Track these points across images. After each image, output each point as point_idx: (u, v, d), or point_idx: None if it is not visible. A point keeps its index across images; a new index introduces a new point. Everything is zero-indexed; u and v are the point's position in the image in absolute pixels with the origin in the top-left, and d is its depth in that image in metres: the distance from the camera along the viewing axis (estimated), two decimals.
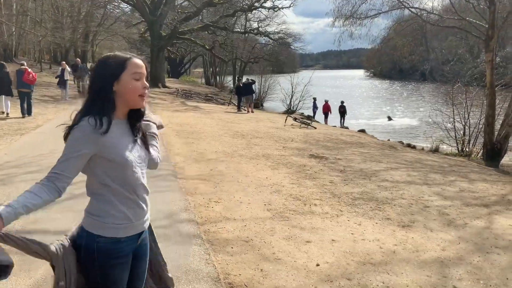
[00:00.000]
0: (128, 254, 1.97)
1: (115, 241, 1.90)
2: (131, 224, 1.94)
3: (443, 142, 15.65)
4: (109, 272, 1.91)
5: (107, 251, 1.88)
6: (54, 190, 1.84)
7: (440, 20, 16.91)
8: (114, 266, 1.92)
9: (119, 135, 1.90)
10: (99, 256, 1.88)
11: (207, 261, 3.83)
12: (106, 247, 1.88)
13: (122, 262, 1.94)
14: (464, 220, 5.46)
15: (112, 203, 1.89)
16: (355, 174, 7.95)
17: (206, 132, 12.35)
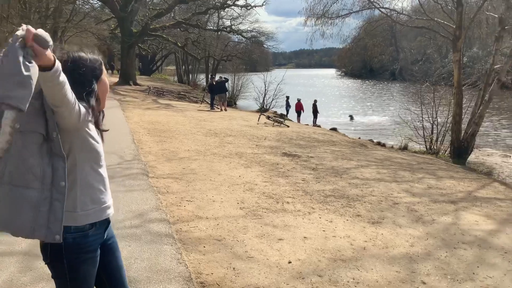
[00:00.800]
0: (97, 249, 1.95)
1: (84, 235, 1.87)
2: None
3: (412, 140, 15.99)
4: (79, 268, 1.87)
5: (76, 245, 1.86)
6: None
7: (409, 21, 17.27)
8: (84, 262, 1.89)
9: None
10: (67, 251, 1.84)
11: (178, 260, 3.80)
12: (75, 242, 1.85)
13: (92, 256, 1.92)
14: (432, 216, 5.60)
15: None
16: (326, 172, 8.04)
17: (179, 131, 12.25)
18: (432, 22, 16.04)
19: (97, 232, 1.92)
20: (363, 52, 28.34)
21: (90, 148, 1.85)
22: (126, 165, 7.49)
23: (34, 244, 3.99)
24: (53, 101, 1.61)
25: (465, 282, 3.76)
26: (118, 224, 4.51)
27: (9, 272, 3.45)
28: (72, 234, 1.83)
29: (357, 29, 22.35)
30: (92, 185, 1.88)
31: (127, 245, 4.03)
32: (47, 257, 1.87)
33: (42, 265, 3.55)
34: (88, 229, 1.87)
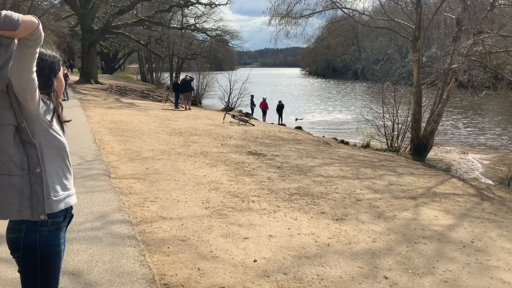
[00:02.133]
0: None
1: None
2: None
3: (374, 138, 16.35)
4: (50, 261, 1.94)
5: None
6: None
7: (371, 21, 17.63)
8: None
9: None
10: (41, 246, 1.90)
11: (142, 262, 3.73)
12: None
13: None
14: (393, 212, 5.73)
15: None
16: (291, 170, 8.10)
17: (142, 130, 12.05)
18: (392, 23, 16.46)
19: (65, 225, 2.02)
20: (326, 51, 28.69)
21: (53, 137, 1.93)
22: (87, 165, 7.30)
23: None
24: (21, 81, 1.73)
25: (426, 276, 3.87)
26: (79, 226, 4.39)
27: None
28: (48, 227, 1.90)
29: (320, 29, 22.60)
30: (59, 173, 1.96)
31: (88, 248, 3.92)
32: (19, 250, 1.88)
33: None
34: (61, 222, 1.96)
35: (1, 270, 3.45)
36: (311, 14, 17.32)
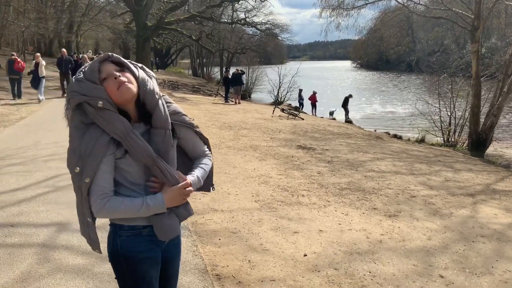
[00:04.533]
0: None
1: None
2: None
3: (429, 132, 15.80)
4: (136, 268, 1.83)
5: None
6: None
7: (426, 11, 17.02)
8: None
9: None
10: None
11: (194, 252, 3.81)
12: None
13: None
14: (450, 209, 5.52)
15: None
16: (342, 164, 7.98)
17: None
18: (450, 12, 15.79)
19: (148, 233, 1.83)
20: (379, 43, 27.96)
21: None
22: None
23: (51, 236, 4.05)
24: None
25: (484, 276, 3.70)
26: None
27: (27, 264, 3.50)
28: (126, 232, 1.81)
29: (373, 20, 22.07)
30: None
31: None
32: (108, 254, 1.86)
33: (60, 256, 3.60)
34: (141, 228, 1.82)
35: (62, 257, 3.64)
36: (364, 5, 16.97)
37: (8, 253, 3.68)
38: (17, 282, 3.22)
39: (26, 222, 4.38)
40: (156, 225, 1.78)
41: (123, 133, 1.70)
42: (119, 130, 1.69)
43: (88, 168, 1.67)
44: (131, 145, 1.71)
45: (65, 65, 17.83)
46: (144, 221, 1.80)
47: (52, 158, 7.16)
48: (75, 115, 1.70)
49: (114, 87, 1.70)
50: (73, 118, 1.71)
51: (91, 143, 1.68)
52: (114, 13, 40.12)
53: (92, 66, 1.73)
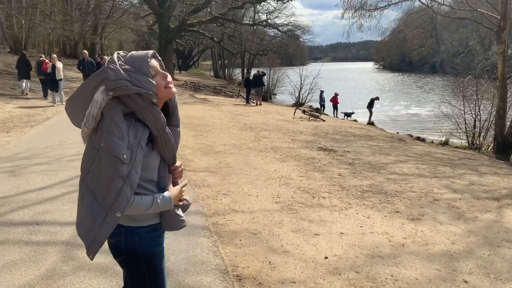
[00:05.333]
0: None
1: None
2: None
3: (453, 135, 15.52)
4: (153, 261, 1.94)
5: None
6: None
7: (451, 12, 16.72)
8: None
9: None
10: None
11: (215, 253, 3.83)
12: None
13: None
14: (474, 213, 5.41)
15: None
16: (363, 166, 7.91)
17: (215, 125, 12.35)
18: (475, 13, 15.48)
19: (161, 227, 1.97)
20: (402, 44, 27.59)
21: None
22: None
23: (75, 234, 4.12)
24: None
25: (509, 282, 3.62)
26: None
27: (52, 261, 3.58)
28: (145, 229, 1.88)
29: (396, 21, 21.74)
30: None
31: (165, 237, 4.09)
32: (121, 254, 1.92)
33: (83, 255, 3.66)
34: (156, 224, 1.93)
35: (86, 256, 3.70)
36: (387, 6, 16.78)
37: (34, 251, 3.77)
38: (42, 279, 3.29)
39: (51, 221, 4.47)
40: (167, 219, 1.91)
41: (163, 128, 1.79)
42: (162, 125, 1.79)
43: (136, 160, 1.72)
44: (165, 140, 1.82)
45: (88, 67, 17.67)
46: (158, 219, 1.92)
47: (77, 157, 7.30)
48: (114, 104, 1.73)
49: (163, 85, 1.80)
50: (112, 106, 1.72)
51: (138, 136, 1.73)
52: (138, 15, 40.67)
53: (143, 59, 1.79)
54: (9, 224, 4.35)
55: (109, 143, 1.68)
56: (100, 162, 1.72)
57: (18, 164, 6.86)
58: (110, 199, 1.71)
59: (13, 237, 4.04)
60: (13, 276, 3.31)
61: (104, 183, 1.70)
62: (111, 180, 1.69)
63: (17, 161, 7.06)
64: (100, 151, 1.71)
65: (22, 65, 16.77)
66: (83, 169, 1.82)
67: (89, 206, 1.77)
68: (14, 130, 9.98)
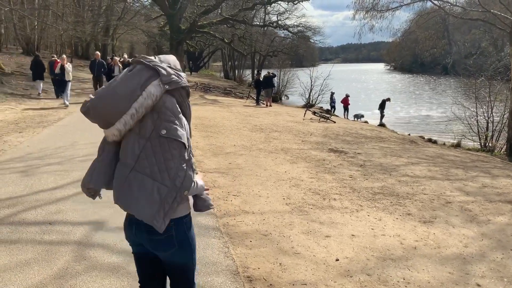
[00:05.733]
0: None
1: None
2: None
3: (466, 137, 15.37)
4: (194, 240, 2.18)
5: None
6: None
7: (463, 13, 16.56)
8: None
9: None
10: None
11: (226, 254, 3.83)
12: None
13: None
14: (487, 216, 5.35)
15: None
16: (375, 168, 7.86)
17: (225, 126, 12.37)
18: (487, 14, 15.32)
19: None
20: (413, 45, 27.39)
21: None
22: None
23: (87, 234, 4.15)
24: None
25: None
26: None
27: (64, 261, 3.60)
28: (187, 217, 2.09)
29: (408, 22, 21.60)
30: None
31: None
32: (174, 245, 2.04)
33: (95, 254, 3.69)
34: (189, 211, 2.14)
35: (98, 255, 3.73)
36: (399, 6, 16.68)
37: (46, 250, 3.80)
38: (55, 279, 3.31)
39: (64, 220, 4.51)
40: (198, 202, 2.16)
41: (190, 119, 2.09)
42: (190, 116, 2.09)
43: (191, 146, 2.03)
44: (190, 131, 2.07)
45: (97, 68, 17.48)
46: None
47: (89, 158, 7.35)
48: (168, 97, 1.96)
49: None
50: (167, 99, 1.95)
51: (184, 125, 2.00)
52: (149, 16, 40.91)
53: (175, 59, 2.08)
54: (22, 223, 4.40)
55: (173, 130, 1.91)
56: (156, 148, 1.91)
57: (31, 164, 6.93)
58: (180, 180, 1.91)
59: (26, 236, 4.08)
60: (26, 275, 3.34)
61: (173, 166, 1.90)
62: (179, 163, 1.92)
63: (29, 161, 7.14)
64: (154, 139, 1.91)
65: (36, 66, 17.21)
66: (130, 158, 1.96)
67: (152, 190, 1.91)
68: (26, 131, 10.09)
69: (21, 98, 16.07)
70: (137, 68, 1.95)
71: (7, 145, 8.39)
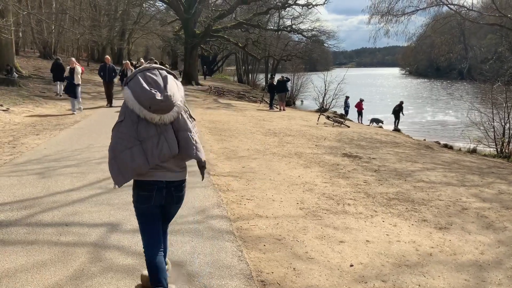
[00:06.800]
0: None
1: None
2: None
3: (482, 143, 15.17)
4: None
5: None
6: None
7: (479, 17, 16.40)
8: None
9: None
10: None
11: (239, 258, 3.84)
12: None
13: None
14: (504, 223, 5.27)
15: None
16: (389, 174, 7.81)
17: (238, 130, 12.40)
18: (504, 19, 15.15)
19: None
20: (429, 50, 27.14)
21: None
22: (189, 163, 7.66)
23: (103, 236, 4.19)
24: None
25: None
26: (182, 219, 4.64)
27: (80, 262, 3.64)
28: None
29: (423, 26, 21.44)
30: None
31: (190, 240, 4.13)
32: (182, 202, 3.11)
33: (110, 256, 3.72)
34: None
35: (113, 257, 3.76)
36: (414, 11, 16.59)
37: (63, 252, 3.84)
38: (71, 280, 3.35)
39: (80, 222, 4.56)
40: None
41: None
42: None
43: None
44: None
45: (108, 73, 16.35)
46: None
47: (104, 160, 7.42)
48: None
49: None
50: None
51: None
52: (164, 21, 41.32)
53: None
54: (39, 224, 4.46)
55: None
56: (195, 127, 3.01)
57: (48, 166, 7.03)
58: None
59: (43, 237, 4.14)
60: (42, 276, 3.39)
61: (199, 139, 3.05)
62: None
63: (46, 163, 7.24)
64: (192, 122, 3.00)
65: (57, 69, 18.24)
66: (188, 130, 2.90)
67: (201, 146, 3.05)
68: (43, 133, 10.24)
69: (38, 101, 16.31)
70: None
71: (25, 147, 8.52)
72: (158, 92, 2.66)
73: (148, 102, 2.63)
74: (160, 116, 2.69)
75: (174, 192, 2.90)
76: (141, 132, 2.69)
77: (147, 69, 2.79)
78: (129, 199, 5.27)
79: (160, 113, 2.68)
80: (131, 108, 2.69)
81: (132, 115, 2.70)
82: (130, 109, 2.70)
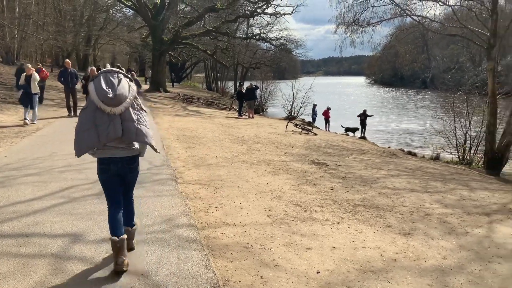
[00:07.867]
0: None
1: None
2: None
3: (444, 150, 15.63)
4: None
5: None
6: None
7: (442, 28, 16.93)
8: None
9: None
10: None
11: (206, 267, 3.79)
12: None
13: None
14: (465, 228, 5.43)
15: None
16: (356, 181, 7.93)
17: (207, 137, 12.33)
18: (465, 30, 15.67)
19: None
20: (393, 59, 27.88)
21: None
22: (156, 170, 7.57)
23: (65, 247, 4.07)
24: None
25: None
26: (148, 228, 4.56)
27: (41, 274, 3.52)
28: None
29: (388, 36, 21.95)
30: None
31: (156, 250, 4.06)
32: (137, 162, 3.89)
33: (73, 267, 3.62)
34: None
35: (76, 268, 3.64)
36: (379, 21, 16.93)
37: (22, 263, 3.71)
38: None
39: (41, 233, 4.41)
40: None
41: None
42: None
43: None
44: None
45: (70, 79, 15.16)
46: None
47: (68, 169, 7.24)
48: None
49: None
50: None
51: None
52: (131, 27, 40.80)
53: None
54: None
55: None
56: (144, 117, 3.71)
57: (8, 175, 6.78)
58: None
59: (2, 249, 3.98)
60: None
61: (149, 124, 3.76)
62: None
63: (7, 171, 6.99)
64: (141, 112, 3.70)
65: (21, 75, 16.43)
66: (132, 120, 3.58)
67: (149, 132, 3.73)
68: (4, 141, 9.89)
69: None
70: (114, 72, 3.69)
71: None
72: (110, 90, 3.44)
73: (102, 97, 3.42)
74: (111, 108, 3.46)
75: (127, 165, 3.73)
76: (97, 118, 3.47)
77: (109, 71, 3.60)
78: (92, 209, 5.16)
79: (111, 106, 3.45)
80: (92, 99, 3.46)
81: (92, 104, 3.48)
82: (91, 99, 3.47)
